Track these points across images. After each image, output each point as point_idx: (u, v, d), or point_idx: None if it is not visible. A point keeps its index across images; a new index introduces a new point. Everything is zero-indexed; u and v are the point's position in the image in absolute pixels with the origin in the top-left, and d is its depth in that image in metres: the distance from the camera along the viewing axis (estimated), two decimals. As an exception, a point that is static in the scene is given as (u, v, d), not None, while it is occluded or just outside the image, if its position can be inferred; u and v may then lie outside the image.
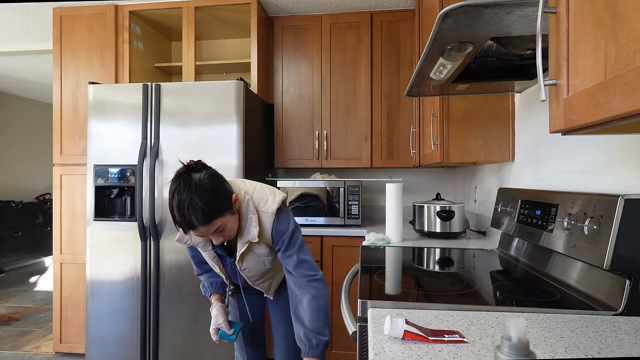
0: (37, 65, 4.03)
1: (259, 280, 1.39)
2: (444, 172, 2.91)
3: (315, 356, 1.19)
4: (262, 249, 1.30)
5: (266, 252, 1.31)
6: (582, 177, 1.20)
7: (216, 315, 1.34)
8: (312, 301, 1.22)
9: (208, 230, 1.13)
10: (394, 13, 2.62)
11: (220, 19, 2.65)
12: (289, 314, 1.42)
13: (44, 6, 2.55)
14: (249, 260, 1.31)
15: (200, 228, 1.11)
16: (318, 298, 1.23)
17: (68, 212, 2.54)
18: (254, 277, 1.37)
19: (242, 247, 1.26)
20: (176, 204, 1.10)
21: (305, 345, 1.20)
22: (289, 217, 1.31)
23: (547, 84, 0.66)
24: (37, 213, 5.47)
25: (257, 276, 1.37)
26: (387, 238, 1.82)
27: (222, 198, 1.15)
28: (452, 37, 1.00)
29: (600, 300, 0.91)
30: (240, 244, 1.26)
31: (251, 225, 1.23)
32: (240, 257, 1.29)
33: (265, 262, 1.33)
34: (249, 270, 1.33)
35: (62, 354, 2.59)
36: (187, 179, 1.11)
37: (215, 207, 1.12)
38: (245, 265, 1.31)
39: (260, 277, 1.38)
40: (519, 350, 0.50)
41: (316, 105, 2.67)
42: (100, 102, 2.17)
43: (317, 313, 1.21)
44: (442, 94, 1.62)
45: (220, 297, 1.41)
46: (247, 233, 1.24)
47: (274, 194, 1.30)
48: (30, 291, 4.18)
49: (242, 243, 1.26)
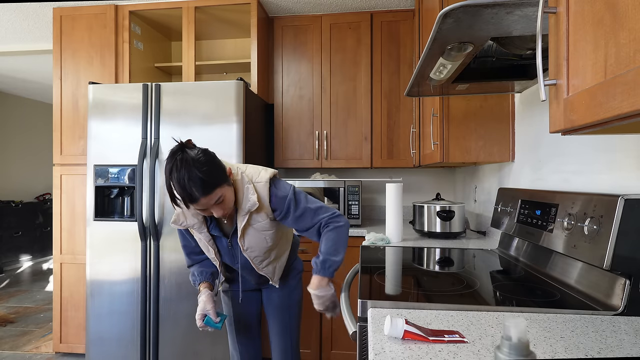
0: (37, 65, 4.03)
1: (263, 263, 1.37)
2: (444, 172, 2.91)
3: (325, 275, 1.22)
4: (263, 221, 1.30)
5: (267, 224, 1.31)
6: (582, 177, 1.20)
7: (204, 302, 1.32)
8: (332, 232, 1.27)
9: (209, 202, 1.16)
10: (394, 13, 2.62)
11: (220, 19, 2.65)
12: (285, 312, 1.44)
13: (44, 6, 2.55)
14: (249, 237, 1.30)
15: (202, 200, 1.14)
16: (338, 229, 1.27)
17: (68, 212, 2.54)
18: (258, 259, 1.35)
19: (243, 219, 1.27)
20: (176, 179, 1.13)
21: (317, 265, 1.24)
22: (284, 182, 1.35)
23: (547, 84, 0.66)
24: (37, 213, 5.47)
25: (260, 257, 1.35)
26: (387, 238, 1.82)
27: (218, 170, 1.19)
28: (452, 37, 1.00)
29: (600, 300, 0.91)
30: (241, 217, 1.27)
31: (249, 194, 1.26)
32: (242, 233, 1.29)
33: (266, 239, 1.33)
34: (252, 249, 1.32)
35: (62, 354, 2.59)
36: (183, 156, 1.14)
37: (213, 178, 1.15)
38: (247, 244, 1.31)
39: (263, 258, 1.36)
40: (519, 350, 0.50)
41: (316, 105, 2.67)
42: (100, 102, 2.17)
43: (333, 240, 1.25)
44: (442, 94, 1.62)
45: (209, 286, 1.40)
46: (246, 202, 1.26)
47: (265, 169, 1.34)
48: (30, 291, 4.18)
49: (242, 215, 1.27)
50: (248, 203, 1.26)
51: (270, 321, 1.51)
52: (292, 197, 1.30)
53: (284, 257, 1.45)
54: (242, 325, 1.51)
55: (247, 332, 1.52)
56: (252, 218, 1.29)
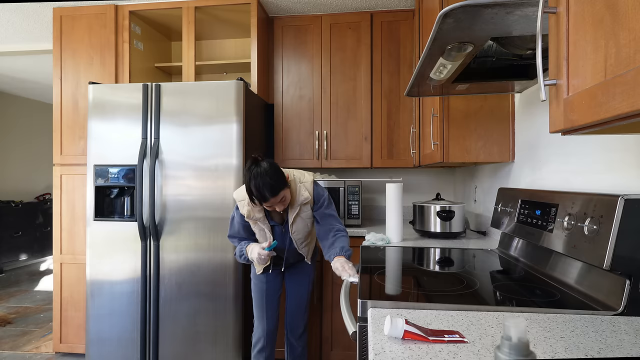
0: (37, 65, 4.03)
1: (303, 243, 1.80)
2: (444, 172, 2.91)
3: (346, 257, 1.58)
4: (307, 212, 1.75)
5: (309, 214, 1.76)
6: (582, 177, 1.20)
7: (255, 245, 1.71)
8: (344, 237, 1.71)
9: (275, 200, 1.59)
10: (394, 13, 2.62)
11: (220, 19, 2.65)
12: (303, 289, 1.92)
13: (44, 6, 2.55)
14: (297, 224, 1.74)
15: (271, 199, 1.58)
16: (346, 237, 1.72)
17: (68, 212, 2.54)
18: (300, 240, 1.78)
19: (295, 210, 1.71)
20: (254, 185, 1.56)
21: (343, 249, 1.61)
22: (320, 185, 1.82)
23: (547, 84, 0.66)
24: (37, 213, 5.47)
25: (302, 239, 1.78)
26: (387, 238, 1.82)
27: (281, 177, 1.61)
28: (452, 37, 1.00)
29: (600, 300, 0.91)
30: (293, 208, 1.71)
31: (301, 191, 1.72)
32: (293, 221, 1.72)
33: (308, 225, 1.77)
34: (297, 232, 1.75)
35: (62, 354, 2.59)
36: (258, 169, 1.57)
37: (278, 183, 1.59)
38: (295, 228, 1.74)
39: (304, 240, 1.79)
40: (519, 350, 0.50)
41: (316, 105, 2.67)
42: (100, 102, 2.17)
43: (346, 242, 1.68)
44: (442, 94, 1.62)
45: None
46: (299, 197, 1.71)
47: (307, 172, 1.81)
48: (30, 291, 4.18)
49: (295, 207, 1.71)
50: (301, 197, 1.71)
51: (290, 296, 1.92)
52: (326, 197, 1.78)
53: (314, 242, 1.90)
54: (269, 300, 1.87)
55: (272, 304, 1.88)
56: (301, 209, 1.73)
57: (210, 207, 2.08)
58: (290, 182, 1.70)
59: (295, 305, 1.91)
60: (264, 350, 1.86)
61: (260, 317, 1.87)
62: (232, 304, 2.05)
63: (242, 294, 2.08)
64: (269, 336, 1.86)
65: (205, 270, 2.08)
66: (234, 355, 2.05)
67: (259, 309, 1.88)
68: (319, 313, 2.35)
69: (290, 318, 1.92)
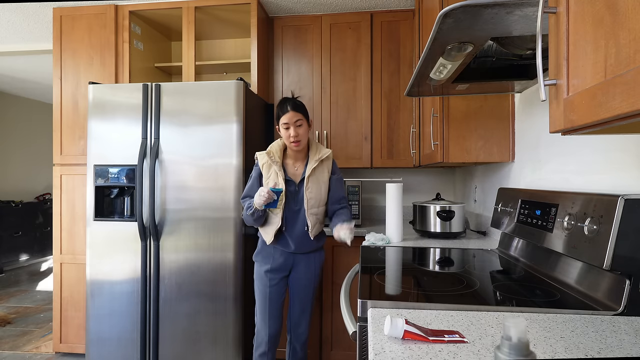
0: (37, 65, 4.03)
1: (312, 208, 1.77)
2: (444, 172, 2.91)
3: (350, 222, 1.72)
4: (324, 173, 1.80)
5: (326, 177, 1.80)
6: (582, 177, 1.20)
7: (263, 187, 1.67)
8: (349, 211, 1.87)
9: (293, 118, 1.71)
10: (394, 13, 2.62)
11: (220, 19, 2.65)
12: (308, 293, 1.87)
13: (44, 6, 2.55)
14: (313, 182, 1.77)
15: (290, 112, 1.71)
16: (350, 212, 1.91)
17: (68, 212, 2.54)
18: (312, 201, 1.76)
19: (314, 164, 1.75)
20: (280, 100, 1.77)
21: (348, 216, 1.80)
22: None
23: (547, 84, 0.66)
24: (37, 213, 5.47)
25: (313, 200, 1.77)
26: (387, 238, 1.82)
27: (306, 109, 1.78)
28: (452, 37, 1.00)
29: (600, 300, 0.91)
30: (312, 162, 1.76)
31: (321, 147, 1.82)
32: (310, 174, 1.75)
33: (322, 190, 1.79)
34: (311, 191, 1.76)
35: (62, 354, 2.59)
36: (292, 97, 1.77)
37: (302, 106, 1.76)
38: (310, 185, 1.76)
39: (315, 205, 1.78)
40: (519, 350, 0.50)
41: (316, 105, 2.67)
42: (100, 102, 2.17)
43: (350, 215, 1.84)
44: (442, 94, 1.62)
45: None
46: (320, 151, 1.80)
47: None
48: (30, 291, 4.18)
49: (314, 160, 1.76)
50: (322, 151, 1.79)
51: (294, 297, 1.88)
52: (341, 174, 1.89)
53: (322, 217, 1.85)
54: (272, 305, 1.83)
55: (275, 309, 1.83)
56: (318, 168, 1.77)
57: (210, 207, 2.08)
58: (310, 140, 1.84)
59: (300, 310, 1.87)
60: (265, 355, 1.83)
61: (262, 320, 1.84)
62: (232, 304, 2.05)
63: (242, 294, 2.08)
64: (271, 341, 1.83)
65: (205, 271, 2.08)
66: (234, 355, 2.05)
67: (262, 313, 1.84)
68: (319, 313, 2.35)
69: (294, 324, 1.89)
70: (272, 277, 1.83)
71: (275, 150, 1.78)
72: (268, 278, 1.83)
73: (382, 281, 1.13)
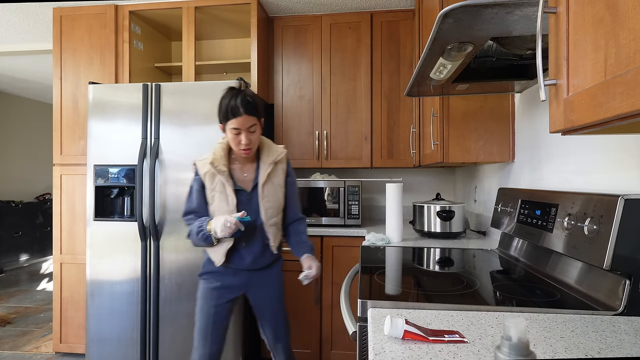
0: (37, 65, 4.03)
1: (271, 219, 1.57)
2: (444, 172, 2.91)
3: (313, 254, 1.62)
4: (280, 176, 1.59)
5: (281, 180, 1.60)
6: (582, 177, 1.20)
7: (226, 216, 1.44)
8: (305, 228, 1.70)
9: (245, 123, 1.44)
10: (394, 13, 2.62)
11: (220, 19, 2.65)
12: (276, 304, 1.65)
13: (44, 6, 2.55)
14: (268, 188, 1.55)
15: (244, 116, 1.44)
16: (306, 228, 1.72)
17: (68, 212, 2.54)
18: (270, 211, 1.56)
19: (268, 168, 1.54)
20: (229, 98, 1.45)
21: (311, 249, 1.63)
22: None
23: (547, 84, 0.66)
24: (37, 213, 5.47)
25: (272, 210, 1.56)
26: (387, 238, 1.82)
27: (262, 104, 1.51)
28: (452, 37, 1.00)
29: (600, 300, 0.91)
30: (265, 166, 1.55)
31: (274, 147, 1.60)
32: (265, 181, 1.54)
33: (279, 195, 1.59)
34: (268, 200, 1.55)
35: (62, 354, 2.59)
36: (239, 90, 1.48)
37: (257, 106, 1.47)
38: (266, 194, 1.55)
39: (274, 214, 1.58)
40: (519, 350, 0.50)
41: (316, 105, 2.67)
42: (100, 102, 2.17)
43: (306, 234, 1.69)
44: (442, 94, 1.62)
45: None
46: (274, 152, 1.58)
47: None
48: (30, 291, 4.18)
49: (267, 164, 1.55)
50: (277, 151, 1.58)
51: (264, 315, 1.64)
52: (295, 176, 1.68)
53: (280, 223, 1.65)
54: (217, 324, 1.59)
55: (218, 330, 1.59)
56: (273, 172, 1.56)
57: (210, 207, 2.08)
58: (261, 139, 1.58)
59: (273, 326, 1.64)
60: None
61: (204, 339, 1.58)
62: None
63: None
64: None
65: (205, 270, 2.08)
66: (234, 355, 2.05)
67: (203, 334, 1.58)
68: (319, 313, 2.35)
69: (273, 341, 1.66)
70: (221, 295, 1.59)
71: (219, 157, 1.51)
72: (216, 296, 1.59)
73: (382, 281, 1.13)
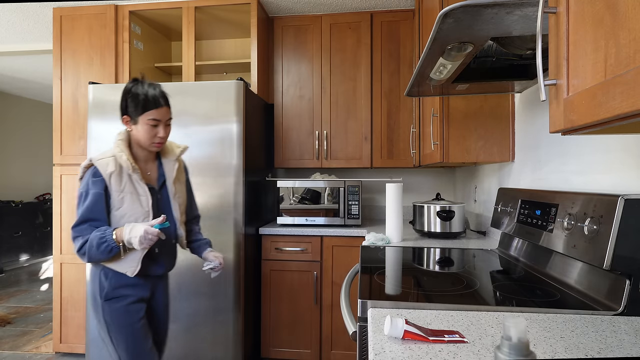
0: (37, 65, 4.03)
1: (183, 216, 1.55)
2: (444, 172, 2.91)
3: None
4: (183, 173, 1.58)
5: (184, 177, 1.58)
6: (582, 177, 1.20)
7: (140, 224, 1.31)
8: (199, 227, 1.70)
9: (166, 115, 1.39)
10: (394, 13, 2.62)
11: (220, 19, 2.65)
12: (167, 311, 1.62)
13: (44, 6, 2.55)
14: (177, 185, 1.52)
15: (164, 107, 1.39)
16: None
17: (68, 212, 2.54)
18: (182, 207, 1.53)
19: (175, 164, 1.50)
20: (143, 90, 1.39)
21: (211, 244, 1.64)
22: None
23: (547, 84, 0.66)
24: (37, 213, 5.47)
25: (182, 206, 1.54)
26: (387, 238, 1.82)
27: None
28: (452, 37, 1.00)
29: (600, 300, 0.91)
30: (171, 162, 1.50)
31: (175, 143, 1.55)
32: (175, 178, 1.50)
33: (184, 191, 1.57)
34: (179, 196, 1.51)
35: (62, 354, 2.59)
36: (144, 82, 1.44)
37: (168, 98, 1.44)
38: (177, 189, 1.50)
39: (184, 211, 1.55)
40: (519, 350, 0.50)
41: (316, 105, 2.67)
42: (100, 102, 2.17)
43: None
44: (442, 94, 1.62)
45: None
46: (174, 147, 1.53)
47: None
48: (30, 291, 4.18)
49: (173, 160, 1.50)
50: (178, 149, 1.53)
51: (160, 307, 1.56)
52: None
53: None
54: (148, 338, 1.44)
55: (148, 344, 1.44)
56: (180, 168, 1.53)
57: (210, 207, 2.08)
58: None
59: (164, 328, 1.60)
60: None
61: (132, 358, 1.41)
62: (232, 304, 2.05)
63: (242, 294, 2.08)
64: None
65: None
66: (234, 355, 2.05)
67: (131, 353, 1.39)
68: (319, 313, 2.35)
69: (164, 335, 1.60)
70: (140, 308, 1.43)
71: (127, 154, 1.36)
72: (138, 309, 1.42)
73: (382, 281, 1.13)
